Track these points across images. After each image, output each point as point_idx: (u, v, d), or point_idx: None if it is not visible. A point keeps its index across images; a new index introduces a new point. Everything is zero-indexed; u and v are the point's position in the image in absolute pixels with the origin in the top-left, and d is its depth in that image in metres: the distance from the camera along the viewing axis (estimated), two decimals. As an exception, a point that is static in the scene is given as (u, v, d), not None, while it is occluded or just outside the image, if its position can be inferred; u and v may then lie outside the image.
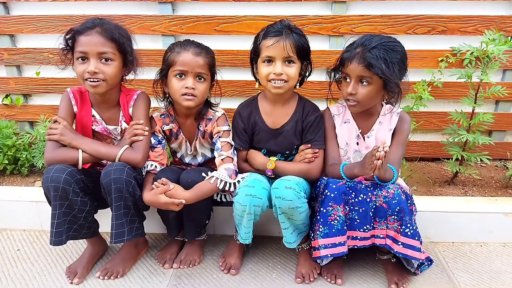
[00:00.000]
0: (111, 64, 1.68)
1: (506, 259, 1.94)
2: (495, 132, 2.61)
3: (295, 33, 1.71)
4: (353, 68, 1.64)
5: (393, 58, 1.61)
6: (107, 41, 1.65)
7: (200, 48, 1.76)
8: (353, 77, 1.66)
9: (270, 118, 1.86)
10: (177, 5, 2.47)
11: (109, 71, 1.67)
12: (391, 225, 1.66)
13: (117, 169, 1.65)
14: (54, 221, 1.64)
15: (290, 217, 1.70)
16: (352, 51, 1.66)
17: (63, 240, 1.67)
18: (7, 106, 2.72)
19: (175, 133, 1.91)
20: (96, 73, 1.64)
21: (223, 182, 1.72)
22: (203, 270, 1.88)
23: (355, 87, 1.67)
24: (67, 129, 1.72)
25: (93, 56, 1.64)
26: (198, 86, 1.74)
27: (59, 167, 1.63)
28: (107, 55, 1.66)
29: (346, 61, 1.67)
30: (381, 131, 1.81)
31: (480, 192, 2.34)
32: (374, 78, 1.63)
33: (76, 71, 1.69)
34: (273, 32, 1.70)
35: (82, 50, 1.64)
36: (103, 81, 1.67)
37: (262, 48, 1.72)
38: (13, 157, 2.50)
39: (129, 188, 1.66)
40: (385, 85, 1.65)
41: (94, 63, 1.64)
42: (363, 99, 1.68)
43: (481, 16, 2.33)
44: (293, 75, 1.72)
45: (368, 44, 1.62)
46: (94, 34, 1.64)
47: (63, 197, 1.62)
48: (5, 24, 2.53)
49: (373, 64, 1.59)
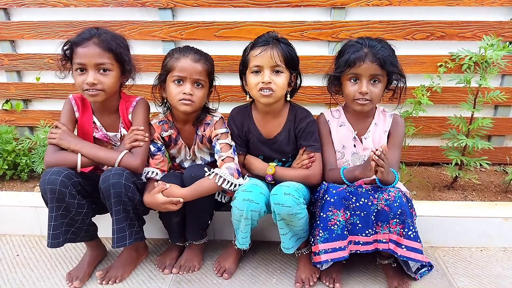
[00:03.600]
0: (109, 74, 1.70)
1: (506, 264, 1.94)
2: (494, 137, 2.62)
3: (282, 43, 1.73)
4: (366, 68, 1.69)
5: (394, 55, 1.74)
6: (104, 52, 1.67)
7: (199, 54, 1.77)
8: (365, 76, 1.71)
9: (263, 128, 1.88)
10: (177, 11, 2.48)
11: (107, 81, 1.70)
12: (394, 228, 1.66)
13: (116, 173, 1.65)
14: (51, 223, 1.65)
15: (289, 223, 1.70)
16: (360, 51, 1.70)
17: (60, 242, 1.67)
18: (7, 111, 2.72)
19: (174, 138, 1.91)
20: (95, 84, 1.66)
21: (222, 179, 1.72)
22: (202, 276, 1.88)
23: (368, 86, 1.71)
24: (66, 133, 1.74)
25: (91, 67, 1.66)
26: (196, 92, 1.75)
27: (56, 169, 1.64)
28: (104, 65, 1.68)
29: (358, 60, 1.69)
30: (377, 133, 1.83)
31: (480, 197, 2.34)
32: (384, 76, 1.72)
33: (75, 81, 1.71)
34: (260, 42, 1.73)
35: (80, 62, 1.66)
36: (102, 90, 1.69)
37: (250, 58, 1.74)
38: (12, 162, 2.50)
39: (128, 192, 1.66)
40: (389, 83, 1.76)
41: (93, 74, 1.66)
42: (375, 97, 1.73)
43: (480, 22, 2.34)
44: (281, 85, 1.72)
45: (373, 44, 1.70)
46: (91, 45, 1.65)
47: (59, 200, 1.63)
48: (6, 29, 2.54)
49: (386, 61, 1.68)
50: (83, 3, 2.44)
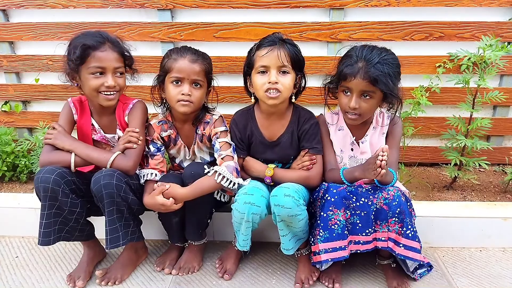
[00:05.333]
0: (122, 77, 1.77)
1: (506, 264, 1.94)
2: (493, 137, 2.62)
3: (288, 43, 1.73)
4: (357, 83, 1.65)
5: (393, 72, 1.64)
6: (119, 56, 1.73)
7: (197, 55, 1.77)
8: (356, 91, 1.67)
9: (267, 130, 1.87)
10: (176, 12, 2.49)
11: (122, 84, 1.77)
12: (392, 227, 1.66)
13: (107, 174, 1.66)
14: (43, 221, 1.65)
15: (289, 225, 1.70)
16: (354, 66, 1.65)
17: (51, 241, 1.67)
18: (6, 112, 2.72)
19: (174, 139, 1.91)
20: (114, 87, 1.71)
21: (221, 176, 1.72)
22: (202, 277, 1.88)
23: (357, 101, 1.68)
24: (62, 133, 1.75)
25: (110, 71, 1.70)
26: (194, 92, 1.75)
27: (49, 168, 1.65)
28: (120, 69, 1.74)
29: (349, 76, 1.66)
30: (375, 136, 1.83)
31: (479, 197, 2.35)
32: (376, 93, 1.66)
33: (88, 84, 1.70)
34: (267, 42, 1.72)
35: (100, 66, 1.68)
36: (117, 92, 1.75)
37: (256, 58, 1.73)
38: (12, 163, 2.50)
39: (120, 192, 1.67)
40: (385, 97, 1.68)
41: (111, 77, 1.70)
42: (365, 112, 1.70)
43: (478, 22, 2.35)
44: (287, 85, 1.72)
45: (371, 58, 1.63)
46: (108, 49, 1.70)
47: (52, 198, 1.63)
48: (5, 31, 2.54)
49: (378, 80, 1.61)
50: (82, 5, 2.45)
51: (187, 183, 1.74)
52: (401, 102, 1.71)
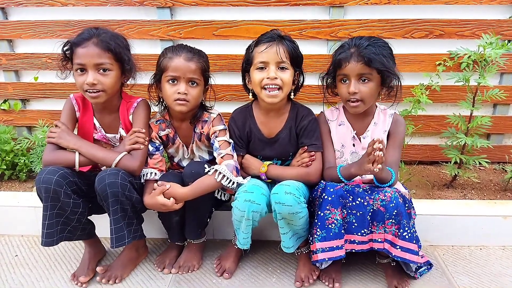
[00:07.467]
0: (109, 74, 1.70)
1: (506, 262, 1.94)
2: (493, 135, 2.62)
3: (287, 40, 1.73)
4: (352, 67, 1.67)
5: (386, 52, 1.69)
6: (103, 52, 1.67)
7: (192, 53, 1.76)
8: (353, 76, 1.69)
9: (265, 127, 1.87)
10: (176, 10, 2.48)
11: (107, 82, 1.69)
12: (389, 228, 1.66)
13: (112, 173, 1.65)
14: (45, 222, 1.64)
15: (290, 222, 1.69)
16: (346, 52, 1.69)
17: (54, 241, 1.67)
18: (5, 111, 2.71)
19: (172, 138, 1.91)
20: (95, 84, 1.66)
21: (221, 175, 1.72)
22: (202, 275, 1.87)
23: (356, 85, 1.69)
24: (65, 132, 1.74)
25: (90, 67, 1.66)
26: (191, 91, 1.74)
27: (51, 168, 1.63)
28: (104, 65, 1.68)
29: (343, 61, 1.69)
30: (376, 132, 1.83)
31: (479, 195, 2.35)
32: (373, 74, 1.68)
33: (76, 82, 1.70)
34: (265, 39, 1.73)
35: (80, 62, 1.66)
36: (102, 91, 1.69)
37: (255, 55, 1.73)
38: (11, 162, 2.50)
39: (125, 191, 1.66)
40: (383, 80, 1.70)
41: (92, 74, 1.66)
42: (365, 96, 1.71)
43: (478, 20, 2.34)
44: (287, 81, 1.72)
45: (361, 43, 1.68)
46: (90, 45, 1.65)
47: (54, 199, 1.62)
48: (3, 29, 2.53)
49: (372, 59, 1.64)
50: (81, 2, 2.44)
51: (187, 182, 1.74)
52: (400, 82, 1.73)
